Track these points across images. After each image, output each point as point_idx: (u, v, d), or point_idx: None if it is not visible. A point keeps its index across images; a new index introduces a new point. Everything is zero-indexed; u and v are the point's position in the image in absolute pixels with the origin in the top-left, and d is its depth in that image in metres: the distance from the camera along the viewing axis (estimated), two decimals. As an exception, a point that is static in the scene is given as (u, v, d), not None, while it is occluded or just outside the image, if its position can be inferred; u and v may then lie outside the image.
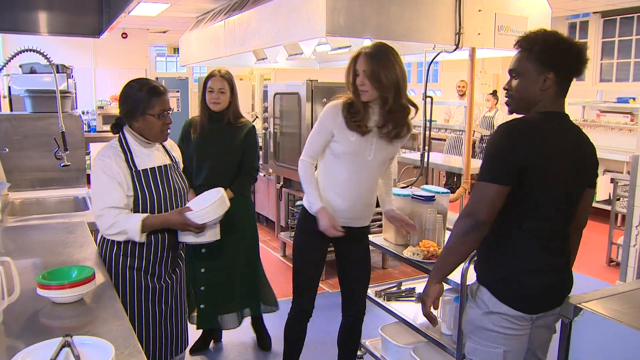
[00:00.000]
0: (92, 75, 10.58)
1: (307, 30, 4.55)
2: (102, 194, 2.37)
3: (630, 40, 8.31)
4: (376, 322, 3.49)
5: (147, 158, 2.49)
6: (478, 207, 1.95)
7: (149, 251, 2.48)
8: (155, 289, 2.52)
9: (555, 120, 2.04)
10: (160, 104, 2.45)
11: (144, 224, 2.36)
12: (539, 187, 1.98)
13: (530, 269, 2.03)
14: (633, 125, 7.67)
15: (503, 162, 1.95)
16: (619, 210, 5.78)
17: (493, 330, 2.05)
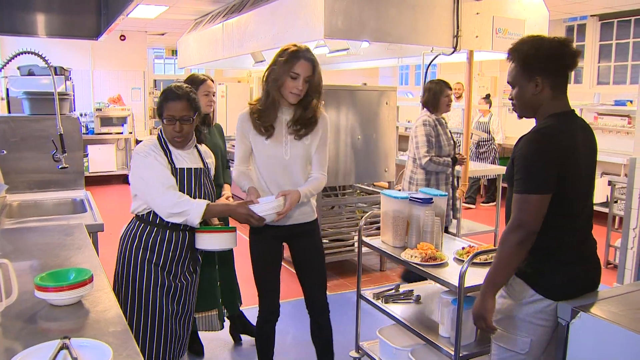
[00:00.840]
0: (90, 77, 10.57)
1: (306, 32, 4.56)
2: (158, 177, 2.45)
3: (627, 43, 8.33)
4: (374, 324, 3.50)
5: (182, 159, 2.57)
6: (527, 219, 2.02)
7: (168, 248, 2.54)
8: (170, 287, 2.57)
9: (569, 120, 2.14)
10: (168, 109, 2.50)
11: (208, 207, 2.44)
12: (573, 185, 2.09)
13: (567, 261, 2.14)
14: (630, 128, 7.68)
15: (543, 171, 2.02)
16: (617, 213, 5.79)
17: (524, 320, 2.14)
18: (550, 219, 2.06)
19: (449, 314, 2.67)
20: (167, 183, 2.45)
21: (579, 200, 2.14)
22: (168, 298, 2.57)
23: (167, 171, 2.48)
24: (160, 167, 2.48)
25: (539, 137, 2.07)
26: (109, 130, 10.34)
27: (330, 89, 5.13)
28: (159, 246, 2.54)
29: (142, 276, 2.53)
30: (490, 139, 8.62)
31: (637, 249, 4.28)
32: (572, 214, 2.12)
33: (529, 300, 2.13)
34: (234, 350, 3.87)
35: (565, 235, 2.14)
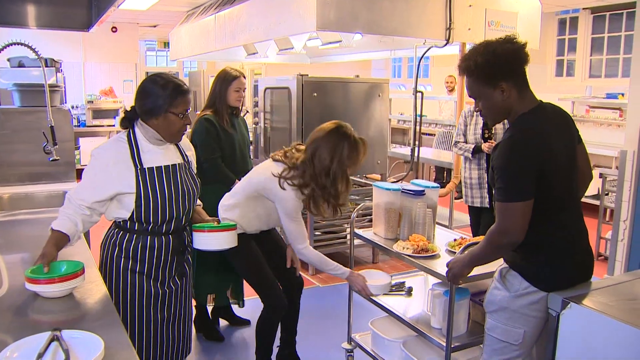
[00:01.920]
0: (82, 69, 10.51)
1: (298, 24, 4.54)
2: (80, 185, 2.33)
3: (619, 36, 8.36)
4: (366, 316, 3.51)
5: (156, 156, 2.36)
6: (511, 227, 2.05)
7: (151, 255, 2.38)
8: (158, 295, 2.42)
9: (539, 114, 2.14)
10: (183, 103, 2.33)
11: (50, 231, 2.25)
12: (555, 182, 2.10)
13: (561, 253, 2.16)
14: (622, 121, 7.71)
15: (520, 179, 2.04)
16: (608, 205, 5.82)
17: (518, 311, 2.17)
18: (538, 215, 2.08)
19: (440, 305, 2.68)
20: (76, 194, 2.30)
21: (563, 193, 2.15)
22: (157, 306, 2.42)
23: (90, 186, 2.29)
24: (87, 179, 2.31)
25: (513, 146, 2.08)
26: (101, 122, 10.28)
27: (322, 81, 5.13)
28: (141, 253, 2.37)
29: (125, 285, 2.37)
30: None
31: (627, 241, 4.31)
32: (558, 207, 2.14)
33: (523, 292, 2.15)
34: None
35: (555, 228, 2.16)
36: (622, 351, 1.83)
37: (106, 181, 2.27)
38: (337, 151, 2.77)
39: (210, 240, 2.49)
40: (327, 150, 2.77)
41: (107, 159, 2.29)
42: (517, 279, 2.17)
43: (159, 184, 2.33)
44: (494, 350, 2.27)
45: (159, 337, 2.45)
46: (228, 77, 3.72)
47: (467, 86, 2.20)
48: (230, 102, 3.76)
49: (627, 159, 4.26)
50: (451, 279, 2.38)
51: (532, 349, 2.28)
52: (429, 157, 6.53)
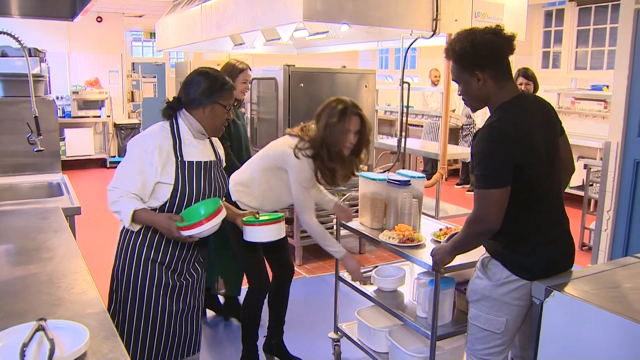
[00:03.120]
0: (66, 59, 10.41)
1: (284, 15, 4.53)
2: (122, 173, 2.30)
3: (604, 29, 8.41)
4: (353, 306, 3.53)
5: (196, 150, 2.40)
6: (487, 214, 2.07)
7: (175, 247, 2.41)
8: (175, 286, 2.44)
9: (519, 104, 2.16)
10: (230, 97, 2.41)
11: (135, 214, 2.26)
12: (533, 171, 2.12)
13: (541, 242, 2.19)
14: (606, 113, 7.78)
15: (497, 167, 2.06)
16: (592, 196, 5.89)
17: (500, 300, 2.20)
18: (517, 204, 2.10)
19: (426, 294, 2.70)
20: (122, 185, 2.28)
21: (542, 182, 2.17)
22: (172, 297, 2.44)
23: (134, 173, 2.28)
24: (132, 170, 2.29)
25: (491, 133, 2.10)
26: (86, 113, 10.21)
27: (309, 72, 5.12)
28: (165, 246, 2.39)
29: (145, 275, 2.38)
30: (471, 122, 8.74)
31: (610, 231, 4.35)
32: (538, 197, 2.17)
33: (505, 281, 2.18)
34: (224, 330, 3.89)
35: (535, 217, 2.19)
36: (604, 338, 1.86)
37: (150, 169, 2.28)
38: (329, 119, 2.86)
39: (263, 233, 2.66)
40: (323, 119, 2.88)
41: (153, 147, 2.29)
42: (499, 268, 2.20)
43: (197, 178, 2.37)
44: (477, 339, 2.30)
45: (171, 329, 2.46)
46: (235, 70, 3.79)
47: (450, 69, 2.24)
48: (236, 95, 3.73)
49: (611, 150, 4.30)
50: (434, 266, 2.42)
51: (514, 337, 2.31)
52: (415, 148, 6.55)
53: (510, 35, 2.14)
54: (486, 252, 2.29)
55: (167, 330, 2.44)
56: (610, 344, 1.84)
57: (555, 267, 2.21)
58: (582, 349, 1.94)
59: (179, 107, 2.40)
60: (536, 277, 2.14)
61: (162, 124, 2.41)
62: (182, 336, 2.50)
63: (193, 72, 2.44)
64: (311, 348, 3.43)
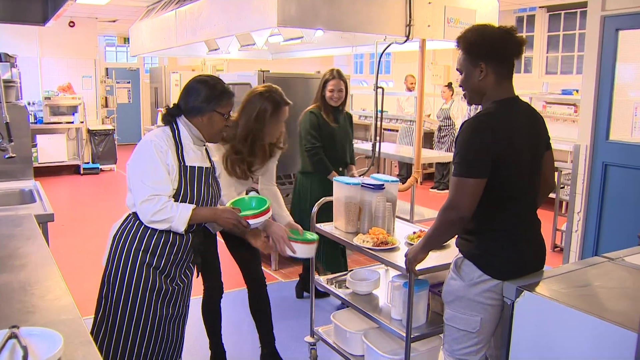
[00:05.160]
0: (38, 64, 10.27)
1: (259, 20, 4.54)
2: (154, 180, 2.29)
3: (574, 35, 8.59)
4: (328, 309, 3.54)
5: (195, 155, 2.45)
6: (461, 202, 2.12)
7: (170, 251, 2.41)
8: (167, 291, 2.44)
9: (509, 106, 2.22)
10: (228, 105, 2.46)
11: (193, 213, 2.31)
12: (511, 171, 2.17)
13: (513, 242, 2.24)
14: (576, 116, 7.93)
15: (476, 156, 2.11)
16: (563, 198, 5.99)
17: (474, 300, 2.24)
18: (492, 202, 2.16)
19: (400, 296, 2.73)
20: (158, 190, 2.29)
21: (519, 185, 2.22)
22: (163, 302, 2.44)
23: (164, 175, 2.31)
24: (159, 170, 2.31)
25: (475, 124, 2.16)
26: (59, 119, 10.08)
27: (283, 77, 5.14)
28: (161, 249, 2.39)
29: (139, 279, 2.37)
30: (451, 124, 8.87)
31: (581, 232, 4.45)
32: (513, 198, 2.22)
33: (477, 281, 2.22)
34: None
35: (509, 217, 2.23)
36: (575, 336, 1.90)
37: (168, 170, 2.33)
38: (261, 111, 2.88)
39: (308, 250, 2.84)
40: (250, 110, 2.90)
41: (165, 148, 2.34)
42: (471, 268, 2.24)
43: (197, 183, 2.41)
44: (454, 340, 2.33)
45: (160, 334, 2.47)
46: (323, 79, 4.23)
47: (457, 58, 2.30)
48: (328, 100, 4.19)
49: (581, 153, 4.39)
50: (407, 264, 2.44)
51: (491, 338, 2.35)
52: (390, 153, 6.59)
53: (521, 39, 2.20)
54: (459, 253, 2.33)
55: (155, 335, 2.45)
56: (580, 342, 1.89)
57: (526, 267, 2.25)
58: (553, 347, 1.98)
59: (178, 114, 2.44)
60: (507, 277, 2.18)
61: (163, 128, 2.43)
62: (167, 341, 2.51)
63: (192, 79, 2.48)
64: (288, 352, 3.43)
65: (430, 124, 9.33)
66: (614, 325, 1.77)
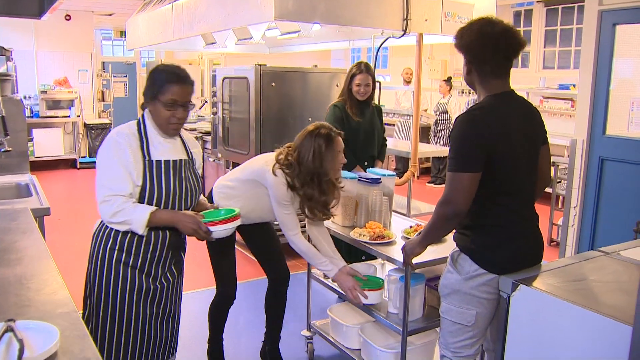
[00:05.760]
0: (34, 58, 10.23)
1: (256, 14, 4.53)
2: (109, 179, 2.22)
3: (571, 29, 8.59)
4: (325, 303, 3.55)
5: (163, 149, 2.33)
6: (455, 196, 2.13)
7: (147, 249, 2.33)
8: (149, 290, 2.36)
9: (504, 100, 2.23)
10: (172, 92, 2.25)
11: (152, 216, 2.21)
12: (506, 165, 2.17)
13: (509, 236, 2.25)
14: (573, 111, 7.94)
15: (470, 151, 2.12)
16: (559, 193, 6.01)
17: (470, 293, 2.24)
18: (488, 197, 2.17)
19: (396, 290, 2.73)
20: (115, 190, 2.21)
21: (515, 179, 2.22)
22: (146, 302, 2.36)
23: (121, 174, 2.22)
24: (115, 170, 2.22)
25: (469, 119, 2.17)
26: (55, 113, 10.04)
27: (280, 71, 5.13)
28: (136, 248, 2.31)
29: (117, 279, 2.30)
30: (448, 118, 8.88)
31: (577, 227, 4.46)
32: (509, 193, 2.22)
33: (473, 275, 2.23)
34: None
35: (505, 212, 2.24)
36: (570, 330, 1.91)
37: (130, 167, 2.24)
38: (316, 147, 2.76)
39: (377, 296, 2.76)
40: (305, 152, 2.77)
41: (125, 145, 2.25)
42: (467, 261, 2.24)
43: (165, 178, 2.30)
44: (449, 333, 2.34)
45: (146, 333, 2.39)
46: (350, 72, 4.15)
47: None
48: (353, 94, 4.13)
49: (577, 148, 4.40)
50: (404, 257, 2.46)
51: (486, 331, 2.36)
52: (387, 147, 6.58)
53: (521, 41, 2.19)
54: (456, 247, 2.33)
55: (141, 335, 2.39)
56: (576, 336, 1.89)
57: (523, 262, 2.26)
58: (549, 341, 1.99)
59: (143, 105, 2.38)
60: (503, 271, 2.18)
61: (129, 123, 2.36)
62: (157, 340, 2.45)
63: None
64: (285, 346, 3.43)
65: (427, 118, 9.33)
66: (609, 319, 1.77)
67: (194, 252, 3.77)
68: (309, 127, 2.85)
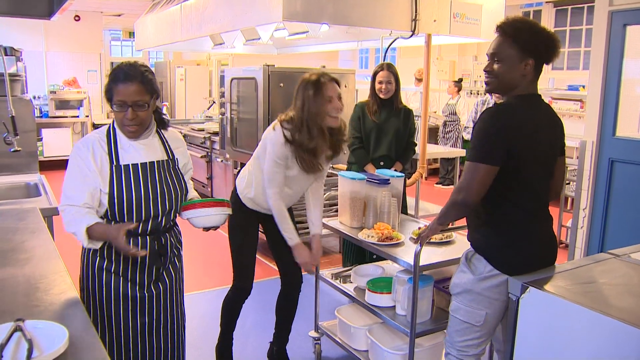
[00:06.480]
0: (44, 58, 10.29)
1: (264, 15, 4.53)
2: (66, 188, 2.15)
3: (580, 30, 8.53)
4: (333, 304, 3.54)
5: (135, 151, 2.21)
6: (470, 186, 2.14)
7: (127, 256, 2.21)
8: (135, 298, 2.25)
9: (532, 102, 2.24)
10: (117, 93, 2.11)
11: (89, 231, 2.08)
12: (525, 165, 2.17)
13: (524, 238, 2.25)
14: (583, 112, 7.90)
15: (492, 144, 2.12)
16: (569, 194, 5.97)
17: (481, 294, 2.25)
18: (504, 196, 2.18)
19: (404, 292, 2.72)
20: (70, 201, 2.12)
21: (534, 180, 2.23)
22: (135, 310, 2.26)
23: (78, 184, 2.13)
24: (73, 181, 2.14)
25: (496, 113, 2.18)
26: (65, 113, 10.09)
27: (289, 72, 5.12)
28: (116, 254, 2.21)
29: (101, 286, 2.22)
30: (456, 119, 8.86)
31: (586, 229, 4.42)
32: (528, 192, 2.23)
33: (487, 275, 2.23)
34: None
35: (522, 213, 2.24)
36: (579, 333, 1.90)
37: (91, 176, 2.13)
38: (305, 94, 2.79)
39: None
40: (297, 101, 2.83)
41: (86, 153, 2.15)
42: (482, 262, 2.24)
43: (135, 182, 2.17)
44: (457, 331, 2.34)
45: (139, 344, 2.30)
46: (373, 72, 4.25)
47: (494, 44, 2.21)
48: (376, 92, 4.23)
49: (587, 149, 4.37)
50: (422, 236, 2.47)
51: (494, 332, 2.36)
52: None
53: (560, 47, 2.22)
54: (470, 247, 2.33)
55: (134, 345, 2.28)
56: (586, 339, 1.88)
57: (538, 263, 2.26)
58: (558, 343, 1.98)
59: None
60: (518, 272, 2.18)
61: (102, 127, 2.25)
62: (154, 352, 2.34)
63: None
64: (292, 347, 3.43)
65: (436, 119, 9.30)
66: (619, 322, 1.76)
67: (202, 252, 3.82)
68: (304, 76, 2.88)
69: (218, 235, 3.90)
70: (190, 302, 4.15)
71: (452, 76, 10.01)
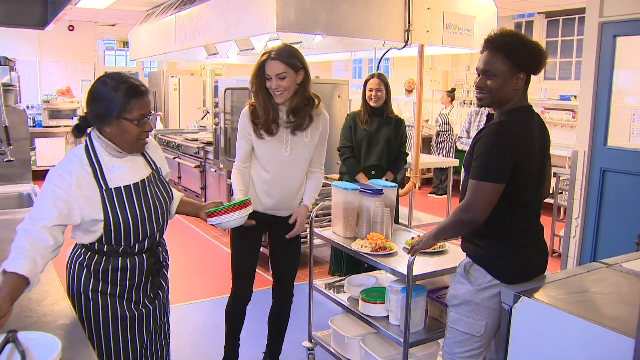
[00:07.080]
0: (37, 68, 10.27)
1: (258, 25, 4.56)
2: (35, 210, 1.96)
3: (572, 41, 8.61)
4: (326, 314, 3.54)
5: (121, 171, 2.07)
6: (477, 205, 2.14)
7: (124, 276, 2.10)
8: (134, 317, 2.15)
9: (527, 115, 2.27)
10: (139, 107, 2.00)
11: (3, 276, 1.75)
12: (527, 177, 2.21)
13: (521, 246, 2.27)
14: (574, 122, 7.95)
15: (498, 162, 2.14)
16: (561, 204, 6.00)
17: (481, 304, 2.26)
18: (505, 207, 2.18)
19: (398, 302, 2.72)
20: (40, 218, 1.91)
21: (531, 191, 2.26)
22: (134, 329, 2.16)
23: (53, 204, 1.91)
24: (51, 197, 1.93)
25: (499, 129, 2.18)
26: (58, 123, 10.06)
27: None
28: (112, 276, 2.09)
29: (96, 308, 2.08)
30: (449, 129, 8.89)
31: (579, 238, 4.45)
32: (525, 203, 2.25)
33: (486, 286, 2.24)
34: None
35: (519, 223, 2.27)
36: (572, 342, 1.90)
37: (70, 206, 1.95)
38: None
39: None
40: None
41: (68, 179, 1.96)
42: (481, 272, 2.26)
43: (129, 204, 2.06)
44: (457, 343, 2.34)
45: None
46: (365, 81, 4.32)
47: (485, 60, 2.22)
48: (367, 101, 4.30)
49: (579, 159, 4.40)
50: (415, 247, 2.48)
51: (491, 341, 2.36)
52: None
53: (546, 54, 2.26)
54: (467, 258, 2.34)
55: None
56: (578, 348, 1.89)
57: (534, 272, 2.29)
58: (551, 352, 1.98)
59: (87, 125, 2.08)
60: (517, 281, 2.20)
61: (74, 151, 2.07)
62: None
63: (95, 81, 2.06)
64: (286, 357, 3.42)
65: (429, 129, 9.34)
66: (611, 331, 1.77)
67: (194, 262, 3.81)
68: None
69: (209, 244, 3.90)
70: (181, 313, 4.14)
71: (445, 86, 10.06)
